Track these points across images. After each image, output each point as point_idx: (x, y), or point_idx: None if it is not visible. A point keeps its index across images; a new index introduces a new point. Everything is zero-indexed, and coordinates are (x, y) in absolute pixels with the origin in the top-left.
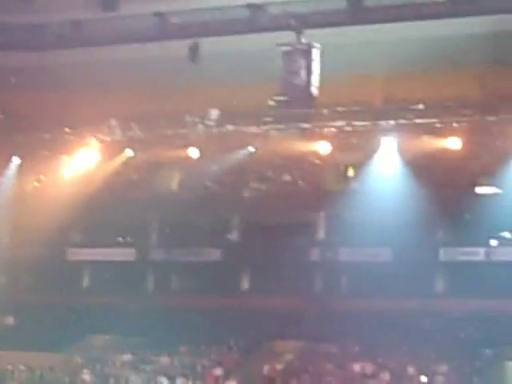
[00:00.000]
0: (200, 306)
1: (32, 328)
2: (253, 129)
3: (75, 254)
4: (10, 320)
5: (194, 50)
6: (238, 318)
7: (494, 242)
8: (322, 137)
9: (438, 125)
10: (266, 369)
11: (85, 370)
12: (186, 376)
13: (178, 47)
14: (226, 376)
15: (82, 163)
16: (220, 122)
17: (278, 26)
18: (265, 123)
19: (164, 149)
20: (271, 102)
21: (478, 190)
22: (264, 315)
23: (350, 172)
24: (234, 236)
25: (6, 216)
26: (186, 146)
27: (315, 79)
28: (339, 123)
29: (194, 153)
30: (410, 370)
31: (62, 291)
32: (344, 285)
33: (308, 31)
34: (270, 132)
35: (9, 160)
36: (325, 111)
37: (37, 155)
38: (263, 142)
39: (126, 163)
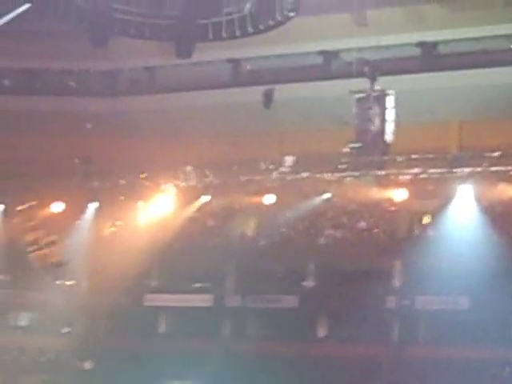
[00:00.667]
0: (276, 353)
1: (109, 373)
2: (328, 175)
3: (152, 299)
4: (89, 365)
5: (268, 97)
6: (314, 366)
7: None
8: (398, 184)
9: None
10: None
11: None
12: None
13: (252, 93)
14: None
15: (158, 209)
16: (295, 169)
17: (351, 72)
18: (340, 170)
19: (239, 195)
20: (346, 149)
21: None
22: (341, 363)
23: (426, 219)
24: (309, 283)
25: (84, 261)
26: (262, 193)
27: (389, 126)
28: (414, 170)
29: (269, 199)
30: None
31: (139, 337)
32: (421, 333)
33: (382, 78)
34: (345, 179)
35: (85, 205)
36: (400, 158)
37: (113, 200)
38: (338, 189)
39: (202, 209)
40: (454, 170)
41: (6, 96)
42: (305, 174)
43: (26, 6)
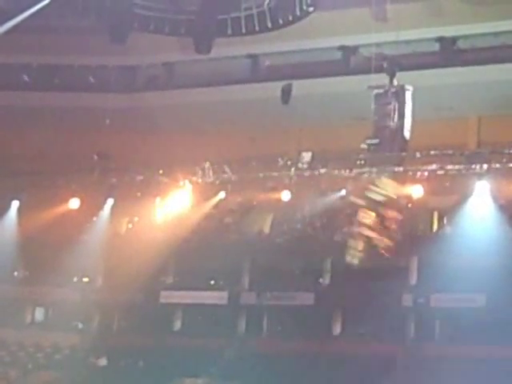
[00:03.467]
0: (291, 351)
1: (124, 370)
2: (345, 172)
3: (168, 296)
4: (103, 361)
5: (287, 92)
6: (329, 363)
7: None
8: (415, 180)
9: None
10: None
11: None
12: None
13: (271, 89)
14: None
15: (175, 205)
16: (312, 165)
17: (369, 68)
18: (357, 166)
19: (257, 191)
20: (363, 145)
21: None
22: (356, 361)
23: (443, 216)
24: (326, 280)
25: (100, 258)
26: (279, 189)
27: (407, 122)
28: (432, 167)
29: (286, 196)
30: None
31: (155, 333)
32: (437, 331)
33: (400, 73)
34: (362, 175)
35: (103, 201)
36: (417, 154)
37: (130, 197)
38: (356, 186)
39: (219, 206)
40: (472, 167)
41: (25, 91)
42: (322, 171)
43: (46, 1)
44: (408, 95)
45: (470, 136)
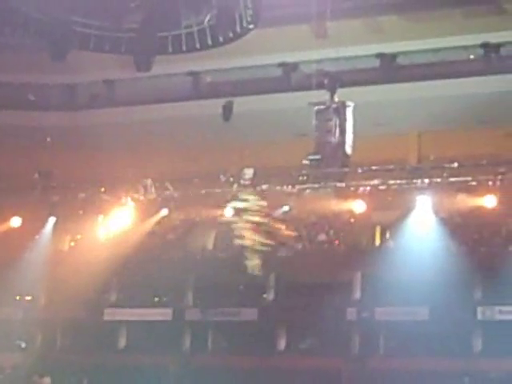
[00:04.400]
0: (236, 366)
1: None
2: (288, 188)
3: (112, 313)
4: (48, 381)
5: (228, 109)
6: (274, 379)
7: None
8: (357, 196)
9: (472, 183)
10: None
11: None
12: None
13: (212, 106)
14: None
15: (118, 223)
16: (255, 181)
17: (310, 84)
18: (299, 182)
19: (199, 208)
20: (305, 161)
21: None
22: (301, 376)
23: (386, 231)
24: (269, 295)
25: (42, 276)
26: (221, 205)
27: (349, 138)
28: (374, 182)
29: (229, 212)
30: None
31: (99, 351)
32: (381, 345)
33: (341, 90)
34: (304, 191)
35: (45, 220)
36: (359, 170)
37: (72, 215)
38: (298, 201)
39: (162, 223)
40: (414, 181)
41: None
42: (264, 186)
43: None
44: (349, 111)
45: (411, 151)
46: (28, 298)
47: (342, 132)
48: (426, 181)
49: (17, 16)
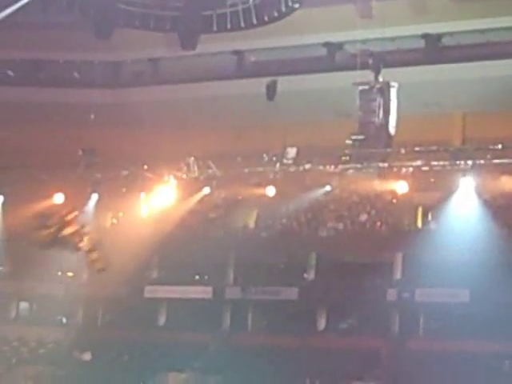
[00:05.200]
0: (276, 345)
1: (109, 364)
2: (330, 168)
3: (152, 291)
4: (88, 356)
5: (272, 88)
6: (313, 358)
7: None
8: (400, 176)
9: None
10: None
11: None
12: None
13: (256, 85)
14: None
15: (160, 201)
16: (297, 161)
17: (355, 64)
18: (342, 162)
19: (241, 187)
20: (349, 141)
21: None
22: (340, 355)
23: (428, 212)
24: (310, 275)
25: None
26: (264, 184)
27: (392, 118)
28: (417, 163)
29: (271, 191)
30: None
31: (139, 328)
32: (421, 326)
33: (385, 70)
34: (347, 171)
35: (88, 196)
36: (402, 151)
37: (115, 192)
38: (340, 181)
39: (203, 201)
40: (457, 163)
41: (10, 87)
42: (307, 166)
43: None
44: (393, 92)
45: (455, 132)
46: (70, 274)
47: (386, 112)
48: (470, 162)
49: None
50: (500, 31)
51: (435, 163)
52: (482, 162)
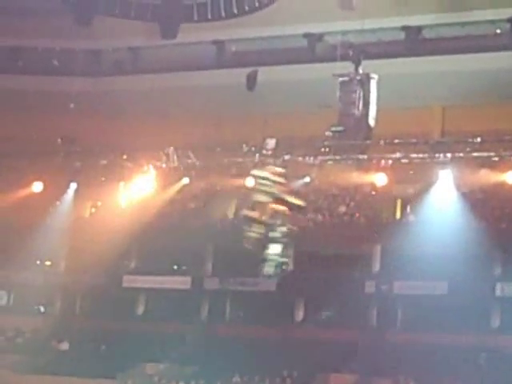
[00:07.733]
0: (254, 336)
1: (86, 354)
2: (309, 159)
3: (131, 280)
4: (65, 345)
5: (252, 79)
6: (291, 349)
7: None
8: (379, 168)
9: (495, 158)
10: None
11: None
12: None
13: (236, 75)
14: None
15: (139, 190)
16: (277, 152)
17: (335, 56)
18: (322, 153)
19: (220, 177)
20: (328, 133)
21: None
22: (318, 347)
23: (406, 204)
24: (288, 266)
25: (62, 241)
26: (243, 175)
27: (372, 110)
28: (396, 155)
29: (250, 182)
30: None
31: (117, 318)
32: (399, 318)
33: (365, 62)
34: (326, 162)
35: (67, 185)
36: (382, 143)
37: (94, 181)
38: (319, 173)
39: (182, 191)
40: (436, 155)
41: None
42: (286, 157)
43: None
44: (373, 83)
45: (434, 125)
46: (48, 263)
47: (366, 104)
48: (449, 155)
49: None
50: (480, 24)
51: (414, 156)
52: (461, 155)
